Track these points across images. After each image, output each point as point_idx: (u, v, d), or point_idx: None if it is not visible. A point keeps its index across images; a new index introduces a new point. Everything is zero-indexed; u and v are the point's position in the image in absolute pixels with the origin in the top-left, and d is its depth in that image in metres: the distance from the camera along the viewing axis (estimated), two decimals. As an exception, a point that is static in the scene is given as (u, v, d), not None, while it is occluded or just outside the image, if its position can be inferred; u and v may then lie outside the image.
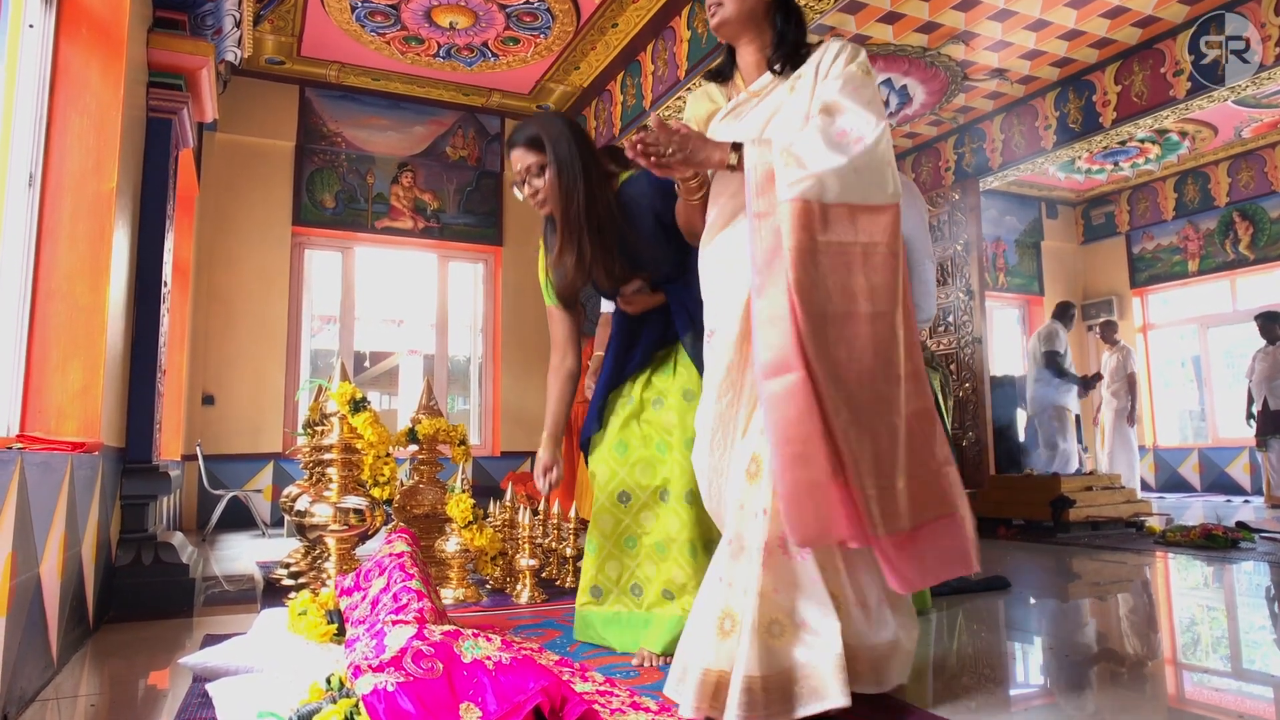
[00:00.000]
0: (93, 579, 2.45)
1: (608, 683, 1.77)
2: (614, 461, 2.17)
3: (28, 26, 2.45)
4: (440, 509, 3.23)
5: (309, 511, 3.07)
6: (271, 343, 6.32)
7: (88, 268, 2.57)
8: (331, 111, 6.73)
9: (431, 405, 3.52)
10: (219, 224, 6.22)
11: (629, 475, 2.14)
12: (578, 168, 2.05)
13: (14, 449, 1.69)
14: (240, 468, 6.05)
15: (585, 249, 2.08)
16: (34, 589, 1.76)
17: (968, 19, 5.81)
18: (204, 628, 2.54)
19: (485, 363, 7.24)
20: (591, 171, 2.07)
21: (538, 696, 1.28)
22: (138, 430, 3.08)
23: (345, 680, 1.43)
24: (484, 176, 7.21)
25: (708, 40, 5.14)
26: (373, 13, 5.60)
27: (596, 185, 2.07)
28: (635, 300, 2.21)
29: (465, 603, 2.91)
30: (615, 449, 2.18)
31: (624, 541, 2.14)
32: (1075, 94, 6.60)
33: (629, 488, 2.14)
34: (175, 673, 2.04)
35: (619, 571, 2.15)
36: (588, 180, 2.06)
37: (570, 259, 2.10)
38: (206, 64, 3.50)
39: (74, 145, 2.60)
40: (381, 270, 7.13)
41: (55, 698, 1.83)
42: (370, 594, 1.91)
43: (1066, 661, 2.12)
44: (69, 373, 2.48)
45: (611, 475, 2.16)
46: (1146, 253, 9.61)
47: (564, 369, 2.32)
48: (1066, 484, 5.07)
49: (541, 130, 2.09)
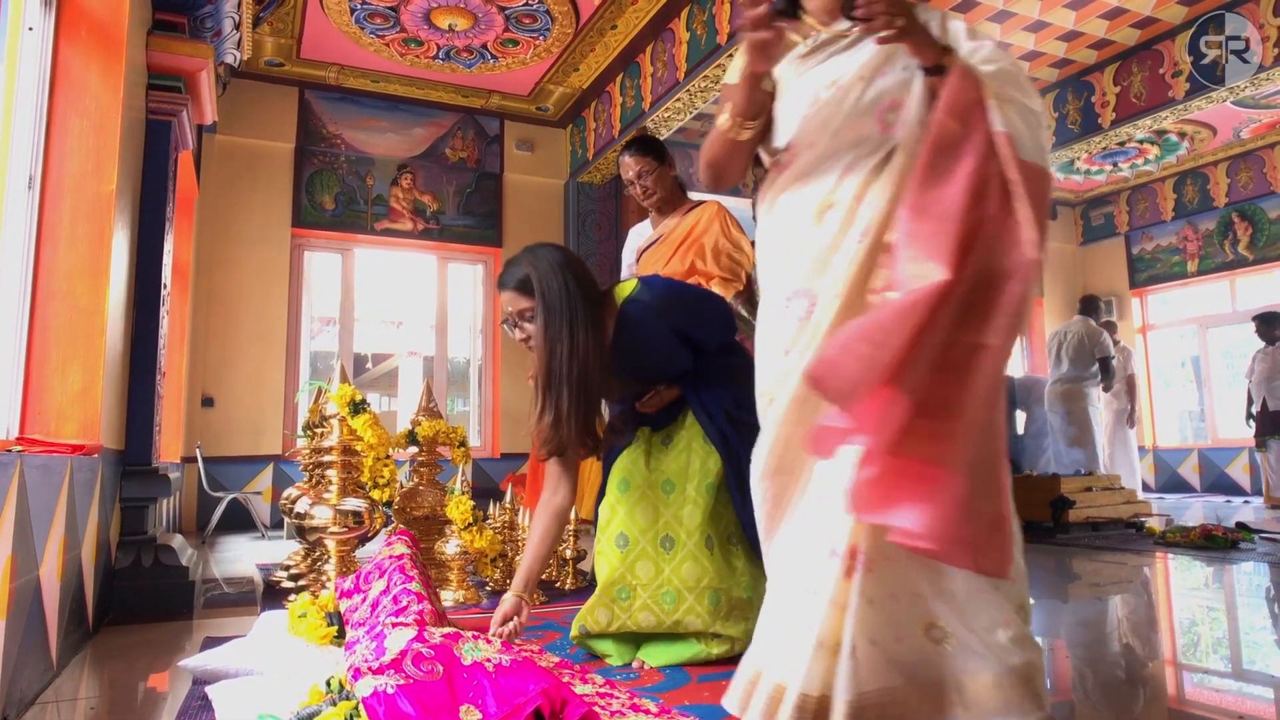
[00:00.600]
0: (92, 581, 2.45)
1: (608, 685, 1.77)
2: None
3: (27, 29, 2.45)
4: (440, 511, 3.23)
5: (309, 514, 3.07)
6: (271, 344, 6.32)
7: (87, 269, 2.57)
8: (331, 113, 6.74)
9: (431, 407, 3.52)
10: (219, 226, 6.22)
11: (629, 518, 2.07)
12: (565, 315, 1.93)
13: (14, 451, 1.69)
14: (240, 470, 6.05)
15: (563, 407, 1.94)
16: (34, 592, 1.76)
17: (967, 20, 5.81)
18: (204, 630, 2.54)
19: (485, 364, 7.24)
20: (580, 315, 1.94)
21: (538, 699, 1.28)
22: (137, 432, 3.08)
23: (345, 683, 1.43)
24: (483, 178, 7.22)
25: (707, 42, 5.15)
26: (372, 15, 5.61)
27: (586, 331, 1.94)
28: (651, 403, 2.16)
29: (465, 605, 2.91)
30: None
31: None
32: (1074, 95, 6.61)
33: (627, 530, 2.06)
34: (175, 675, 2.04)
35: None
36: (572, 328, 1.93)
37: (548, 419, 1.96)
38: (206, 66, 3.50)
39: (74, 147, 2.60)
40: (381, 272, 7.14)
41: (55, 700, 1.83)
42: (370, 596, 1.91)
43: (1066, 662, 2.12)
44: (68, 375, 2.48)
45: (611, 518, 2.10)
46: (1146, 253, 9.62)
47: (552, 504, 2.11)
48: (1066, 485, 5.07)
49: (532, 271, 1.96)
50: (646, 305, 2.02)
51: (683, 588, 1.99)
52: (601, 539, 2.09)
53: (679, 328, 2.06)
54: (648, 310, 2.02)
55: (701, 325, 2.13)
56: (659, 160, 3.03)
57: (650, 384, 2.15)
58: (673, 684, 1.82)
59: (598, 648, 2.05)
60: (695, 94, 5.54)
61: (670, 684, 1.82)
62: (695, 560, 2.00)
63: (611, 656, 2.02)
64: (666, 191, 3.07)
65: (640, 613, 2.00)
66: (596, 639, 2.05)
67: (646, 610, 2.00)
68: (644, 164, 3.01)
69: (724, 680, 1.83)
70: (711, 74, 5.23)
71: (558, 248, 2.05)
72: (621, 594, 2.02)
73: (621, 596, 2.01)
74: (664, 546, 2.04)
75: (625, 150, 3.06)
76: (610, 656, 2.02)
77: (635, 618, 2.00)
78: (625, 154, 3.06)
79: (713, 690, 1.76)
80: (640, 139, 3.07)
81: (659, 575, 2.01)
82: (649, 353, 2.07)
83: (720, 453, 2.07)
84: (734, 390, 2.11)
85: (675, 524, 2.05)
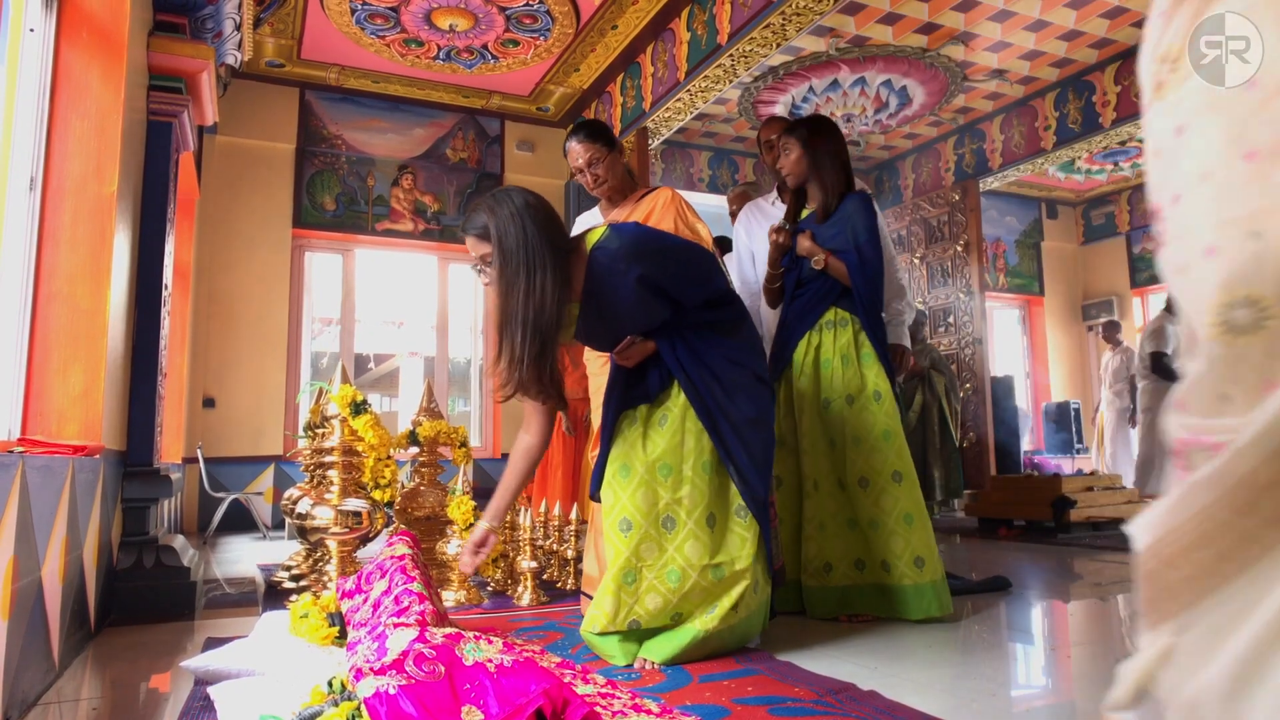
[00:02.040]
0: (94, 582, 2.45)
1: (609, 685, 1.77)
2: None
3: (28, 30, 2.45)
4: (441, 511, 3.23)
5: (310, 514, 3.07)
6: (272, 345, 6.32)
7: (89, 271, 2.57)
8: (331, 114, 6.74)
9: (432, 407, 3.52)
10: (219, 227, 6.22)
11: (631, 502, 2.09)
12: (523, 259, 1.93)
13: (15, 452, 1.69)
14: (241, 470, 6.05)
15: (517, 348, 1.95)
16: (35, 593, 1.76)
17: (967, 20, 5.81)
18: (205, 631, 2.54)
19: (486, 364, 7.24)
20: (537, 260, 1.94)
21: (539, 699, 1.28)
22: (139, 433, 3.08)
23: (347, 683, 1.43)
24: (484, 178, 7.22)
25: (707, 42, 5.15)
26: (372, 15, 5.61)
27: (544, 275, 1.94)
28: (630, 354, 2.14)
29: (466, 605, 2.91)
30: None
31: None
32: (1075, 94, 6.61)
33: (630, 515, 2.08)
34: (177, 676, 2.04)
35: None
36: (529, 271, 1.93)
37: (504, 359, 1.98)
38: (207, 67, 3.50)
39: (75, 149, 2.60)
40: (382, 272, 7.14)
41: (57, 701, 1.83)
42: (371, 597, 1.91)
43: (1067, 662, 2.12)
44: (70, 376, 2.49)
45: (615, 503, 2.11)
46: (1147, 253, 9.61)
47: (523, 444, 2.19)
48: (1068, 485, 5.07)
49: (491, 217, 1.97)
50: (613, 253, 1.99)
51: (686, 565, 2.02)
52: (606, 524, 2.11)
53: (649, 277, 2.01)
54: (614, 257, 1.99)
55: (675, 277, 2.07)
56: (608, 146, 2.72)
57: (620, 336, 2.12)
58: (674, 684, 1.82)
59: (603, 648, 2.06)
60: (696, 94, 5.54)
61: (672, 684, 1.82)
62: (696, 539, 2.04)
63: (616, 657, 2.02)
64: (617, 180, 2.76)
65: (647, 595, 2.02)
66: (603, 638, 2.05)
67: (653, 592, 2.02)
68: (594, 151, 2.68)
69: (725, 680, 1.83)
70: (712, 74, 5.23)
71: (523, 192, 2.03)
72: (628, 579, 2.04)
73: (628, 581, 2.04)
74: (665, 527, 2.07)
75: (572, 136, 2.74)
76: (615, 657, 2.03)
77: (642, 601, 2.02)
78: (572, 140, 2.73)
79: (714, 690, 1.76)
80: (587, 124, 2.77)
81: (662, 555, 2.05)
82: (617, 301, 2.04)
83: (709, 433, 2.08)
84: (722, 347, 2.13)
85: (675, 505, 2.07)
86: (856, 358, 2.66)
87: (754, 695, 1.71)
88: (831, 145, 2.78)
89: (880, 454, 2.56)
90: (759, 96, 6.98)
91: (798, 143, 2.77)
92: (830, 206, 2.77)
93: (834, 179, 2.77)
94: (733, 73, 5.21)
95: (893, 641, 2.27)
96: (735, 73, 5.21)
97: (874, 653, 2.13)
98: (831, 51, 6.19)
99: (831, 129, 2.82)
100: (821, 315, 2.72)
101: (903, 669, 1.97)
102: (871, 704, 1.64)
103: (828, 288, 2.72)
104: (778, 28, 4.66)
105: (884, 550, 2.52)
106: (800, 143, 2.77)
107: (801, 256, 2.75)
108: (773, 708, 1.63)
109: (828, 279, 2.71)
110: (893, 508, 2.52)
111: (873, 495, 2.55)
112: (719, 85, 5.40)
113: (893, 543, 2.51)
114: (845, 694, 1.71)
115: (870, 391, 2.62)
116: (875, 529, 2.53)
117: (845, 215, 2.73)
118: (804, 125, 2.81)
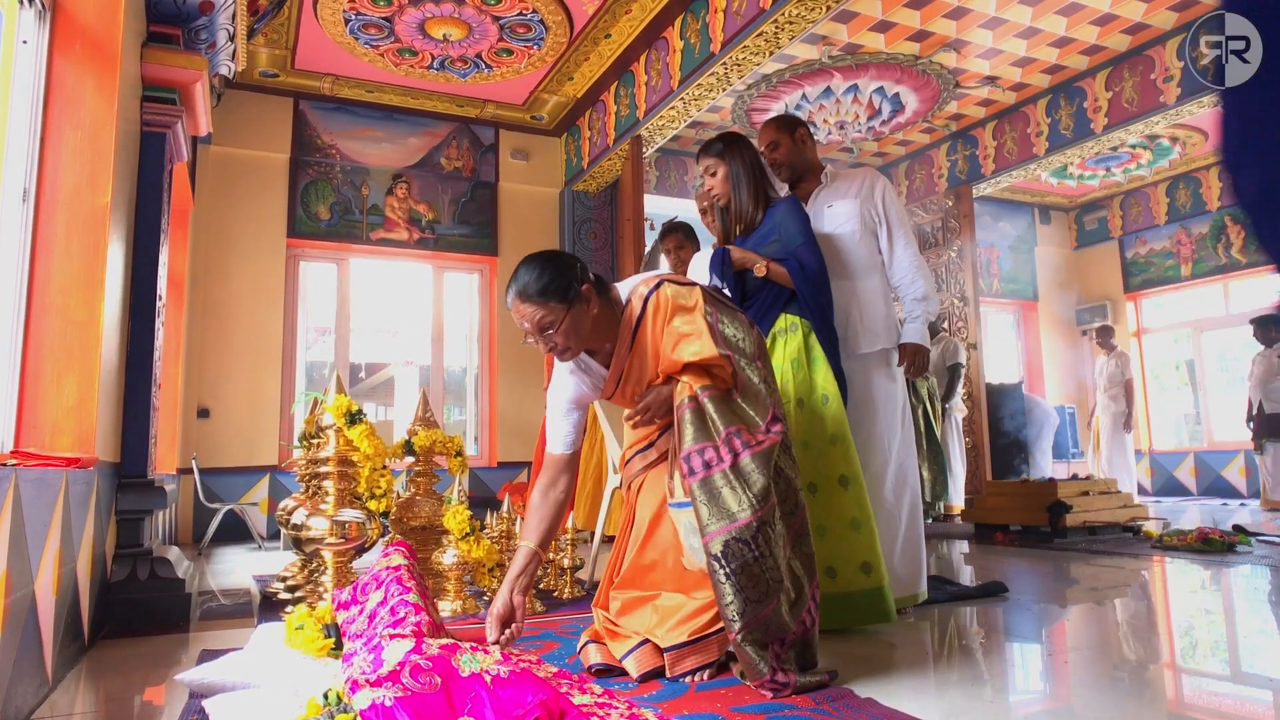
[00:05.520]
0: (88, 595, 2.44)
1: (606, 694, 1.77)
2: None
3: (21, 42, 2.45)
4: (437, 521, 3.22)
5: (305, 525, 3.06)
6: (267, 355, 6.31)
7: (82, 282, 2.57)
8: (326, 124, 6.74)
9: (427, 416, 3.51)
10: (214, 237, 6.22)
11: None
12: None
13: (8, 465, 1.69)
14: (236, 481, 6.03)
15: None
16: (29, 606, 1.75)
17: (959, 27, 5.85)
18: (200, 643, 2.53)
19: (481, 373, 7.23)
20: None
21: (536, 710, 1.28)
22: (133, 444, 3.07)
23: (343, 695, 1.42)
24: (479, 187, 7.23)
25: (700, 50, 5.17)
26: (366, 25, 5.62)
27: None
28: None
29: (463, 615, 2.90)
30: None
31: None
32: (1066, 100, 6.65)
33: None
34: (171, 689, 2.03)
35: None
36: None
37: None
38: (200, 78, 3.50)
39: (68, 160, 2.60)
40: (377, 282, 7.14)
41: (50, 715, 1.82)
42: (367, 608, 1.90)
43: (1065, 667, 2.12)
44: (64, 387, 2.48)
45: None
46: (1140, 257, 9.66)
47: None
48: (1063, 489, 5.08)
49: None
50: None
51: None
52: None
53: None
54: None
55: None
56: (563, 300, 1.91)
57: None
58: (671, 693, 1.81)
59: None
60: (689, 102, 5.55)
61: (669, 693, 1.81)
62: None
63: None
64: (582, 338, 1.98)
65: None
66: None
67: None
68: (546, 311, 1.90)
69: (722, 688, 1.83)
70: (705, 82, 5.25)
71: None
72: None
73: None
74: None
75: (514, 291, 1.93)
76: None
77: None
78: (518, 299, 1.92)
79: (711, 699, 1.75)
80: (527, 284, 1.91)
81: None
82: None
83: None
84: None
85: None
86: (806, 361, 2.58)
87: (751, 704, 1.71)
88: (744, 157, 2.75)
89: (827, 459, 2.49)
90: (752, 104, 7.01)
91: (720, 161, 2.75)
92: (756, 220, 2.73)
93: (750, 192, 2.74)
94: (726, 81, 5.23)
95: (887, 647, 2.27)
96: (728, 81, 5.23)
97: (867, 660, 2.13)
98: (824, 59, 6.22)
99: (742, 142, 2.78)
100: (773, 323, 2.65)
101: (898, 675, 1.97)
102: (869, 710, 1.64)
103: (774, 294, 2.65)
104: (770, 36, 4.68)
105: (830, 556, 2.45)
106: (721, 160, 2.75)
107: (742, 270, 2.69)
108: (770, 716, 1.62)
109: (772, 286, 2.64)
110: (840, 513, 2.47)
111: (821, 501, 2.48)
112: (712, 93, 5.41)
113: (840, 549, 2.45)
114: (842, 701, 1.70)
115: (819, 395, 2.54)
116: (823, 535, 2.46)
117: (775, 224, 2.69)
118: (719, 142, 2.79)
